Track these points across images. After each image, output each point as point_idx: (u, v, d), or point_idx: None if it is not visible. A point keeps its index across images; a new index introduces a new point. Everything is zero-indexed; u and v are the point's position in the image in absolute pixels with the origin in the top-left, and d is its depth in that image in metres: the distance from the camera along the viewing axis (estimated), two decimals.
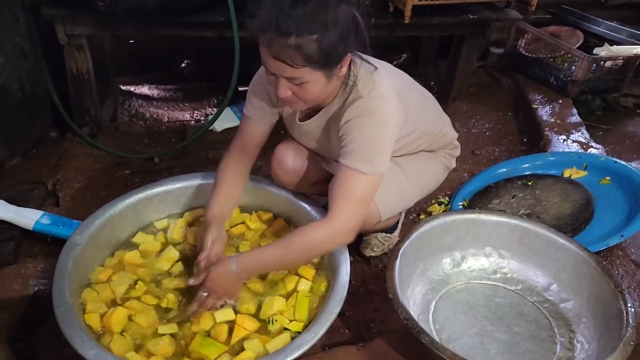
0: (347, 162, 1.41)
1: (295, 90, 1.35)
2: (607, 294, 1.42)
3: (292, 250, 1.43)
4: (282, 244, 1.45)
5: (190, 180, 1.83)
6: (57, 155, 2.31)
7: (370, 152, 1.41)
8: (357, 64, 1.44)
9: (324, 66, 1.30)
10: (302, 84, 1.32)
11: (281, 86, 1.34)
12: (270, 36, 1.25)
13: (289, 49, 1.24)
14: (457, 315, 1.52)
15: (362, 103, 1.42)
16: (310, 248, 1.44)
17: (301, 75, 1.30)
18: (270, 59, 1.29)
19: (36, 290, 1.62)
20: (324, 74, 1.32)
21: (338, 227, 1.40)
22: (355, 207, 1.41)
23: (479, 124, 2.78)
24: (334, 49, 1.28)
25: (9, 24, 2.05)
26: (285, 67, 1.28)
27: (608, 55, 2.77)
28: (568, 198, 1.95)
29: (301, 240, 1.42)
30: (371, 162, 1.40)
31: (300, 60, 1.26)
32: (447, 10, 2.51)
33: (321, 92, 1.38)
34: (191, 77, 3.19)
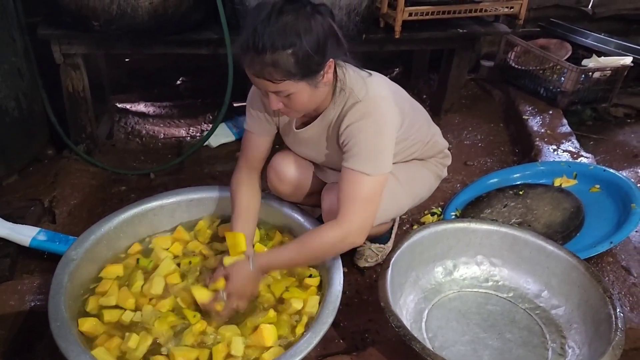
0: (351, 164, 1.44)
1: (285, 102, 1.40)
2: (597, 299, 1.43)
3: (305, 252, 1.49)
4: (295, 246, 1.50)
5: (185, 195, 1.85)
6: (53, 173, 2.33)
7: (372, 153, 1.44)
8: (345, 67, 1.47)
9: (305, 76, 1.33)
10: (289, 95, 1.36)
11: (271, 100, 1.39)
12: (249, 56, 1.30)
13: (267, 67, 1.29)
14: (450, 323, 1.54)
15: (361, 106, 1.45)
16: (322, 250, 1.48)
17: (284, 88, 1.34)
18: (254, 78, 1.35)
19: (32, 306, 1.63)
20: (307, 83, 1.36)
21: (348, 229, 1.43)
22: (363, 208, 1.44)
23: (471, 135, 2.82)
24: (311, 59, 1.31)
25: (6, 44, 2.08)
26: (267, 84, 1.33)
27: (596, 66, 2.82)
28: (559, 206, 1.98)
29: (313, 242, 1.47)
30: (374, 163, 1.44)
31: (280, 75, 1.30)
32: (436, 25, 2.56)
33: (310, 100, 1.42)
34: (186, 93, 3.23)
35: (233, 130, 2.79)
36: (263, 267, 1.51)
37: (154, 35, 2.25)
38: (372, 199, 1.46)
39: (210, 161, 2.60)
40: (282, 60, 1.28)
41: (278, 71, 1.29)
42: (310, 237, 1.49)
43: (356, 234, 1.45)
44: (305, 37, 1.28)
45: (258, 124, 1.66)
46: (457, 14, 2.49)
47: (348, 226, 1.43)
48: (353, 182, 1.44)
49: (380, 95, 1.47)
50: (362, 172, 1.43)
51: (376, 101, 1.46)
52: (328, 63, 1.37)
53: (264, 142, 1.68)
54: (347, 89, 1.47)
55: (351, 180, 1.44)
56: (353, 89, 1.47)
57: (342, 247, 1.49)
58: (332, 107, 1.51)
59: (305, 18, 1.29)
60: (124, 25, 2.13)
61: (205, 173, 2.52)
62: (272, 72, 1.29)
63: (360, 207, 1.44)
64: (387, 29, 2.50)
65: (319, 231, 1.48)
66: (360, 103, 1.45)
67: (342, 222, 1.44)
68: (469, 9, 2.50)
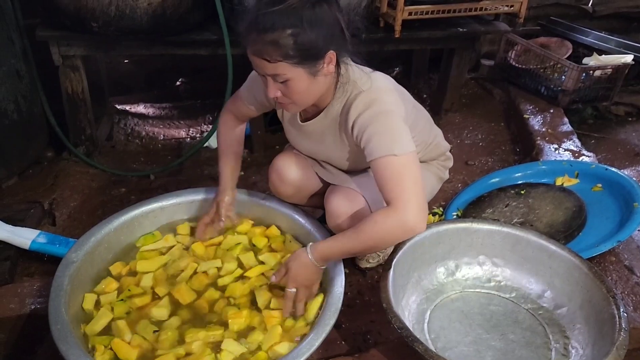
0: (377, 153, 1.39)
1: (283, 90, 1.38)
2: (600, 299, 1.42)
3: (362, 240, 1.40)
4: (352, 234, 1.41)
5: (185, 196, 1.85)
6: (53, 175, 2.33)
7: (390, 136, 1.39)
8: (350, 65, 1.46)
9: (303, 62, 1.32)
10: (286, 81, 1.35)
11: (269, 86, 1.38)
12: (251, 36, 1.30)
13: (266, 45, 1.29)
14: (452, 324, 1.52)
15: (364, 96, 1.44)
16: (380, 237, 1.40)
17: (281, 71, 1.32)
18: (253, 57, 1.34)
19: (33, 309, 1.62)
20: (305, 70, 1.34)
21: (405, 213, 1.35)
22: (410, 188, 1.36)
23: (472, 134, 2.81)
24: (311, 45, 1.31)
25: (4, 47, 2.08)
26: (264, 64, 1.32)
27: (597, 64, 2.81)
28: (560, 206, 1.97)
29: (371, 229, 1.38)
30: (396, 143, 1.38)
31: (277, 55, 1.29)
32: (436, 24, 2.55)
33: (308, 90, 1.40)
34: (186, 95, 3.23)
35: None
36: (322, 256, 1.45)
37: (152, 36, 2.25)
38: (414, 177, 1.38)
39: (210, 162, 2.59)
40: (282, 41, 1.28)
41: (275, 51, 1.29)
42: (366, 225, 1.39)
43: (415, 217, 1.35)
44: (307, 21, 1.28)
45: (250, 97, 1.68)
46: (457, 13, 2.48)
47: (404, 210, 1.35)
48: (387, 168, 1.38)
49: (384, 86, 1.47)
50: (389, 155, 1.37)
51: (380, 90, 1.45)
52: (329, 54, 1.36)
53: (251, 110, 1.73)
54: (350, 82, 1.46)
55: (384, 168, 1.38)
56: (356, 81, 1.46)
57: (403, 233, 1.41)
58: (335, 101, 1.50)
59: (311, 5, 1.29)
60: (123, 26, 2.12)
61: (205, 174, 2.51)
62: (270, 51, 1.29)
63: (407, 188, 1.36)
64: (387, 29, 2.49)
65: (375, 217, 1.39)
66: (364, 93, 1.44)
67: (397, 207, 1.35)
68: (469, 7, 2.49)
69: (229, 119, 1.79)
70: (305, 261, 1.46)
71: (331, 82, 1.47)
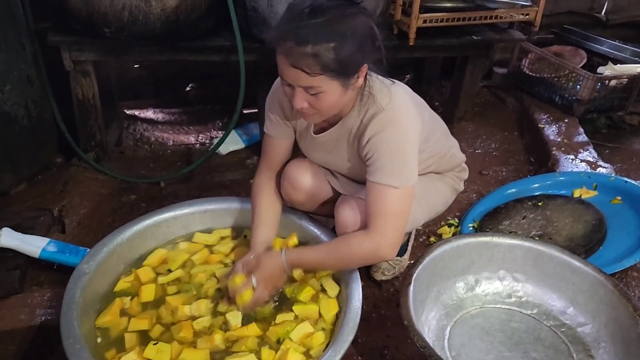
0: (378, 178, 1.41)
1: (311, 101, 1.35)
2: (626, 317, 1.39)
3: (334, 257, 1.50)
4: (325, 249, 1.53)
5: (199, 206, 1.81)
6: (62, 181, 2.29)
7: (398, 166, 1.41)
8: (373, 76, 1.44)
9: (340, 75, 1.30)
10: (318, 93, 1.32)
11: (297, 97, 1.34)
12: (288, 45, 1.26)
13: (306, 57, 1.25)
14: (473, 341, 1.49)
15: (383, 116, 1.41)
16: (351, 259, 1.49)
17: (317, 84, 1.29)
18: (288, 68, 1.29)
19: (43, 320, 1.59)
20: (341, 83, 1.32)
21: (379, 243, 1.42)
22: (394, 222, 1.43)
23: (485, 144, 2.78)
24: (351, 58, 1.28)
25: (15, 52, 2.05)
26: (301, 76, 1.28)
27: (612, 74, 2.78)
28: (580, 219, 1.93)
29: (344, 249, 1.48)
30: (401, 176, 1.41)
31: (317, 69, 1.26)
32: (451, 32, 2.52)
33: (337, 102, 1.38)
34: (196, 100, 3.20)
35: (243, 138, 2.76)
36: (293, 261, 1.51)
37: (165, 42, 2.22)
38: (402, 212, 1.44)
39: (220, 169, 2.56)
40: (324, 54, 1.25)
41: (317, 64, 1.25)
42: (341, 243, 1.49)
43: (388, 248, 1.43)
44: (349, 35, 1.26)
45: (277, 127, 1.63)
46: (472, 20, 2.45)
47: (379, 240, 1.42)
48: (381, 196, 1.41)
49: (403, 104, 1.45)
50: (389, 186, 1.40)
51: (399, 110, 1.42)
52: (363, 68, 1.34)
53: (284, 145, 1.67)
54: (370, 96, 1.44)
55: (379, 194, 1.42)
56: (376, 95, 1.43)
57: (372, 259, 1.52)
58: (353, 114, 1.47)
59: (351, 16, 1.27)
60: (136, 32, 2.09)
61: (215, 181, 2.48)
62: (310, 64, 1.26)
63: (391, 221, 1.42)
64: (401, 36, 2.46)
65: (351, 239, 1.48)
66: (383, 112, 1.41)
67: (374, 235, 1.42)
68: (484, 15, 2.46)
69: (263, 180, 1.70)
70: (277, 261, 1.50)
71: (357, 94, 1.44)
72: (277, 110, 1.61)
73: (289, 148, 1.69)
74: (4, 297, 1.66)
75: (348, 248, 1.47)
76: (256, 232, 1.64)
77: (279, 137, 1.65)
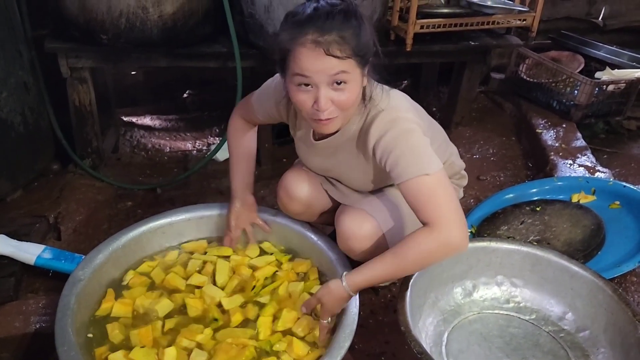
0: (407, 175, 1.33)
1: (335, 98, 1.31)
2: (625, 322, 1.37)
3: (406, 264, 1.34)
4: (393, 258, 1.34)
5: (194, 212, 1.81)
6: (59, 188, 2.29)
7: (418, 156, 1.34)
8: (373, 83, 1.43)
9: (362, 61, 1.31)
10: (344, 83, 1.30)
11: (322, 95, 1.30)
12: (312, 37, 1.25)
13: (335, 43, 1.25)
14: (471, 346, 1.48)
15: (383, 116, 1.40)
16: (422, 259, 1.33)
17: (347, 68, 1.28)
18: (316, 59, 1.26)
19: (37, 327, 1.57)
20: (361, 72, 1.33)
21: (448, 233, 1.29)
22: (446, 207, 1.31)
23: (483, 149, 2.77)
24: (368, 43, 1.31)
25: (12, 59, 2.05)
26: (332, 62, 1.26)
27: (610, 79, 2.78)
28: (578, 223, 1.92)
29: (411, 252, 1.32)
30: (424, 163, 1.33)
31: (348, 51, 1.26)
32: (448, 38, 2.52)
33: (357, 97, 1.37)
34: (193, 107, 3.19)
35: None
36: (357, 284, 1.38)
37: (162, 48, 2.22)
38: (449, 195, 1.32)
39: (217, 175, 2.56)
40: (349, 37, 1.26)
41: (346, 47, 1.26)
42: (408, 247, 1.32)
43: (458, 235, 1.29)
44: (363, 21, 1.30)
45: (264, 112, 1.64)
46: (469, 26, 2.45)
47: (446, 229, 1.28)
48: (420, 189, 1.32)
49: (402, 104, 1.44)
50: (421, 175, 1.31)
51: (398, 109, 1.41)
52: (367, 66, 1.35)
53: (258, 119, 1.69)
54: (370, 101, 1.43)
55: (416, 189, 1.32)
56: (375, 99, 1.43)
57: (447, 252, 1.32)
58: (354, 118, 1.46)
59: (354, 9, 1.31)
60: (133, 38, 2.09)
61: (212, 187, 2.47)
62: (341, 47, 1.25)
63: (446, 206, 1.30)
64: (398, 42, 2.46)
65: (417, 238, 1.31)
66: (383, 112, 1.40)
67: (440, 227, 1.29)
68: (481, 21, 2.46)
69: (238, 123, 1.76)
70: (340, 292, 1.38)
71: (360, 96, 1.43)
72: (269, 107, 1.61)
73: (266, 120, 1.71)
74: None
75: (418, 248, 1.31)
76: (236, 175, 1.75)
77: (259, 113, 1.66)
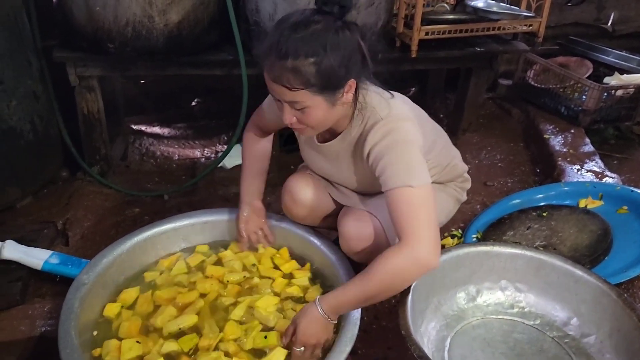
0: (392, 184, 1.33)
1: (299, 116, 1.35)
2: (631, 328, 1.35)
3: (373, 285, 1.30)
4: (362, 280, 1.31)
5: (199, 217, 1.82)
6: (67, 195, 2.32)
7: (407, 167, 1.35)
8: (369, 91, 1.43)
9: (323, 90, 1.28)
10: (304, 108, 1.31)
11: (285, 112, 1.35)
12: (270, 60, 1.27)
13: (287, 72, 1.25)
14: (474, 352, 1.46)
15: (382, 124, 1.39)
16: (393, 278, 1.29)
17: (300, 99, 1.29)
18: (271, 83, 1.30)
19: (43, 331, 1.59)
20: (325, 99, 1.30)
21: (418, 249, 1.26)
22: (422, 222, 1.29)
23: (490, 155, 2.76)
24: (333, 73, 1.26)
25: (22, 68, 2.08)
26: (284, 91, 1.28)
27: (619, 84, 2.76)
28: (585, 229, 1.90)
29: (381, 271, 1.29)
30: (411, 175, 1.33)
31: (298, 83, 1.26)
32: (453, 44, 2.52)
33: (325, 118, 1.36)
34: (201, 115, 3.22)
35: None
36: (333, 308, 1.34)
37: (168, 56, 2.25)
38: (427, 210, 1.31)
39: (225, 183, 2.57)
40: (303, 68, 1.24)
41: (297, 79, 1.25)
42: (378, 267, 1.29)
43: (428, 253, 1.27)
44: (330, 50, 1.24)
45: (272, 114, 1.63)
46: (475, 32, 2.45)
47: (417, 246, 1.26)
48: (400, 200, 1.32)
49: (402, 114, 1.43)
50: (405, 186, 1.31)
51: (398, 119, 1.41)
52: (349, 82, 1.32)
53: (274, 123, 1.70)
54: (368, 108, 1.42)
55: (398, 199, 1.32)
56: (375, 107, 1.42)
57: (416, 271, 1.30)
58: (353, 127, 1.47)
59: (334, 31, 1.25)
60: (139, 47, 2.12)
61: (219, 195, 2.48)
62: (290, 79, 1.25)
63: (421, 222, 1.29)
64: (403, 48, 2.46)
65: (386, 257, 1.29)
66: (382, 121, 1.40)
67: (410, 243, 1.27)
68: (487, 27, 2.46)
69: (252, 133, 1.78)
70: (315, 315, 1.34)
71: (348, 109, 1.43)
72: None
73: (278, 126, 1.71)
74: (6, 308, 1.67)
75: (387, 265, 1.28)
76: (246, 182, 1.75)
77: (271, 118, 1.67)
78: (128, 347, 1.39)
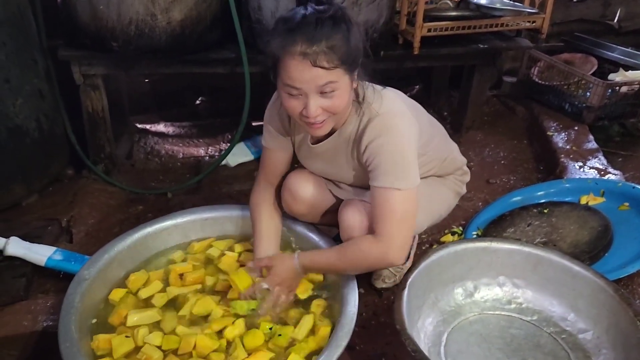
0: (381, 183, 1.43)
1: (325, 105, 1.35)
2: (627, 323, 1.35)
3: (344, 260, 1.50)
4: (337, 253, 1.52)
5: (199, 214, 1.84)
6: (72, 192, 2.34)
7: (399, 168, 1.42)
8: (365, 84, 1.45)
9: (350, 68, 1.34)
10: (333, 91, 1.33)
11: (312, 103, 1.34)
12: (301, 47, 1.28)
13: (323, 53, 1.28)
14: (471, 347, 1.47)
15: (379, 120, 1.43)
16: (361, 262, 1.49)
17: (335, 78, 1.31)
18: (304, 71, 1.29)
19: (45, 326, 1.62)
20: (350, 79, 1.36)
21: (387, 247, 1.43)
22: (400, 224, 1.43)
23: (494, 152, 2.75)
24: (357, 48, 1.34)
25: (28, 67, 2.11)
26: (320, 73, 1.29)
27: (623, 80, 2.74)
28: (585, 225, 1.90)
29: (354, 252, 1.48)
30: (403, 177, 1.42)
31: (335, 61, 1.29)
32: (456, 41, 2.52)
33: (347, 103, 1.40)
34: (205, 113, 3.24)
35: (252, 150, 2.78)
36: (306, 264, 1.53)
37: (171, 55, 2.27)
38: (408, 214, 1.44)
39: (229, 181, 2.59)
40: (337, 46, 1.29)
41: (333, 56, 1.29)
42: (351, 247, 1.50)
43: (396, 252, 1.43)
44: (351, 26, 1.32)
45: (276, 140, 1.65)
46: (477, 29, 2.45)
47: (387, 245, 1.42)
48: (385, 199, 1.42)
49: (397, 109, 1.46)
50: (392, 188, 1.41)
51: (393, 115, 1.44)
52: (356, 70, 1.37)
53: (282, 158, 1.68)
54: (364, 103, 1.45)
55: (383, 198, 1.43)
56: (370, 102, 1.45)
57: (380, 264, 1.53)
58: (349, 121, 1.49)
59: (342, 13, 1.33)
60: (142, 45, 2.14)
61: (223, 192, 2.50)
62: (328, 59, 1.28)
63: (398, 224, 1.43)
64: (406, 46, 2.47)
65: (361, 243, 1.48)
66: (378, 118, 1.43)
67: (382, 239, 1.43)
68: (490, 24, 2.46)
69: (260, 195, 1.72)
70: (289, 264, 1.53)
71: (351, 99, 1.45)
72: (275, 123, 1.62)
73: (288, 161, 1.70)
74: (10, 303, 1.70)
75: (358, 252, 1.47)
76: (259, 247, 1.65)
77: (277, 149, 1.66)
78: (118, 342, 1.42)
